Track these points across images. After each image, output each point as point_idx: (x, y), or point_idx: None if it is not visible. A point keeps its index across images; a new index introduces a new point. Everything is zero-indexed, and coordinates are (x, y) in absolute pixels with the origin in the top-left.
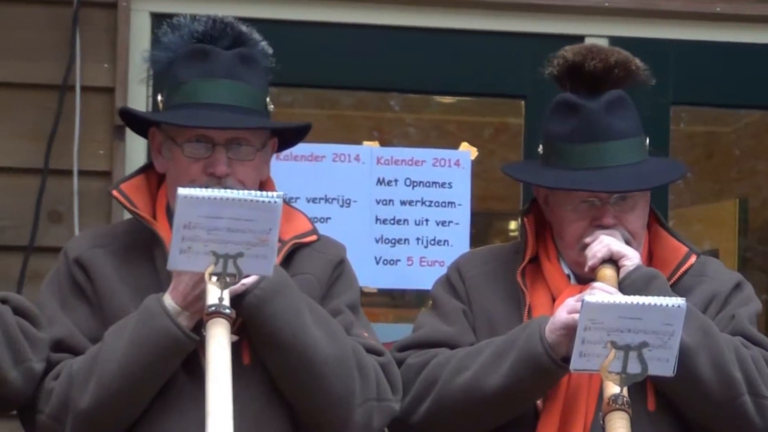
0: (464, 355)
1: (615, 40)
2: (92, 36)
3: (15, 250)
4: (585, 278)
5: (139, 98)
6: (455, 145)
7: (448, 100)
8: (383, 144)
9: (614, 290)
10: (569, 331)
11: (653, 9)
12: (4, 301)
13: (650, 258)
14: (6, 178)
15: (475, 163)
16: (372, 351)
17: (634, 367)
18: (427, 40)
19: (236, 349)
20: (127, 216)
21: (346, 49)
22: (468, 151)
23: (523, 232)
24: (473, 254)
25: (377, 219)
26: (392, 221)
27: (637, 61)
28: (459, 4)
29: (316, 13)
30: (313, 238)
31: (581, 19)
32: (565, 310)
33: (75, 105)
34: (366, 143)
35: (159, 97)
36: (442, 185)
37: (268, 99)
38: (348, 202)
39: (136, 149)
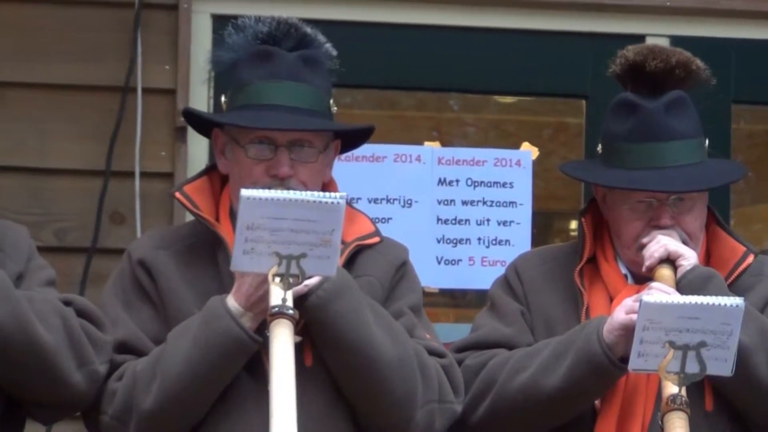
0: (522, 355)
1: (676, 40)
2: (154, 38)
3: (78, 252)
4: (642, 278)
5: (200, 100)
6: (514, 145)
7: (507, 99)
8: (442, 144)
9: (672, 290)
10: (627, 331)
11: (714, 8)
12: (68, 304)
13: (708, 258)
14: (69, 179)
15: (535, 163)
16: (434, 353)
17: (692, 367)
18: (487, 40)
19: (298, 351)
20: (190, 217)
21: (406, 49)
22: (529, 151)
23: (581, 232)
24: (531, 255)
25: (439, 219)
26: (453, 221)
27: (698, 62)
28: (519, 4)
29: (376, 13)
30: (376, 239)
31: (642, 18)
32: (623, 311)
33: (137, 107)
34: (427, 143)
35: (223, 98)
36: (504, 185)
37: (331, 101)
38: (409, 202)
39: (197, 151)
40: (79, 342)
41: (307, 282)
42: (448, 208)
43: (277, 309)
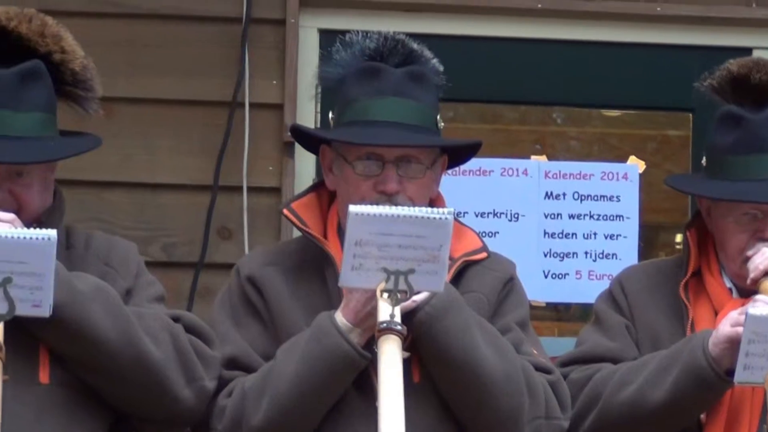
0: (627, 369)
1: None
2: (261, 53)
3: (186, 267)
4: (747, 291)
5: (307, 115)
6: (618, 159)
7: (611, 113)
8: (546, 157)
9: None
10: (732, 344)
11: None
12: (177, 320)
13: None
14: (177, 194)
15: (640, 176)
16: (541, 369)
17: None
18: (591, 53)
19: (406, 367)
20: (298, 232)
21: (509, 63)
22: (636, 165)
23: (686, 245)
24: (636, 269)
25: (545, 233)
26: (560, 235)
27: None
28: (624, 17)
29: (480, 27)
30: (483, 255)
31: (749, 31)
32: (729, 324)
33: (244, 121)
34: (534, 157)
35: (330, 114)
36: (610, 199)
37: (438, 116)
38: (516, 216)
39: (305, 165)
40: (188, 358)
41: (415, 298)
42: (555, 221)
43: (385, 324)
